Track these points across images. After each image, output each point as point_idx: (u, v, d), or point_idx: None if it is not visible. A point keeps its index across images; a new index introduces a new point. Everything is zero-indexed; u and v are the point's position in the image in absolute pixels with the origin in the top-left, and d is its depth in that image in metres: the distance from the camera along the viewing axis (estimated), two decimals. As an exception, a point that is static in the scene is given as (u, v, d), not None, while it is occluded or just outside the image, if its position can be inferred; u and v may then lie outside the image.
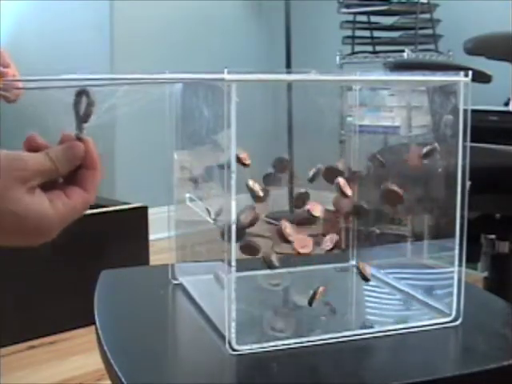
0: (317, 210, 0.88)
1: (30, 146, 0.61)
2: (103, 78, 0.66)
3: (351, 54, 3.17)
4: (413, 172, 0.93)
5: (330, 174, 0.91)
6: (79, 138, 0.62)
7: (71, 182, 0.61)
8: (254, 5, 3.75)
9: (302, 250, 0.85)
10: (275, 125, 3.36)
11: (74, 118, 0.62)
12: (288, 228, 0.84)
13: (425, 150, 0.89)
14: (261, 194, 0.84)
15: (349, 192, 0.88)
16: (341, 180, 0.88)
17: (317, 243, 0.88)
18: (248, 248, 0.85)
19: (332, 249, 0.89)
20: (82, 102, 0.62)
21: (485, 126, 1.49)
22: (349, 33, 3.15)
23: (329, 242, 0.89)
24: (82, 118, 0.62)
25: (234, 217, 0.75)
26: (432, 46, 3.03)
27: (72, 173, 0.61)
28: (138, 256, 2.21)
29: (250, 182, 0.84)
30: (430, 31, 3.01)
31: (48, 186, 0.60)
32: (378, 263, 1.04)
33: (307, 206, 0.88)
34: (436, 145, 0.88)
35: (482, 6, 2.97)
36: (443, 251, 0.88)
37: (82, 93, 0.62)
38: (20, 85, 0.68)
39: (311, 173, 0.93)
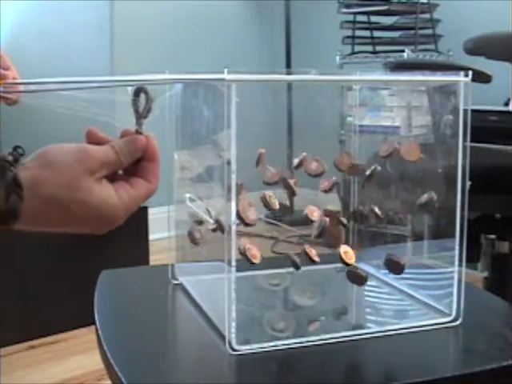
0: (314, 214, 0.88)
1: (91, 140, 0.65)
2: (103, 80, 0.67)
3: (351, 54, 3.16)
4: (412, 170, 0.93)
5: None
6: (139, 133, 0.66)
7: (133, 174, 0.65)
8: (254, 5, 3.74)
9: (315, 258, 0.86)
10: (275, 125, 3.36)
11: (134, 115, 0.66)
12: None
13: (423, 199, 0.89)
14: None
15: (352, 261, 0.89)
16: (343, 247, 0.89)
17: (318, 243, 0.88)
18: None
19: (329, 189, 0.88)
20: (141, 99, 0.66)
21: (485, 126, 1.49)
22: (349, 33, 3.15)
23: (326, 182, 0.89)
24: (142, 114, 0.66)
25: (234, 217, 0.75)
26: (432, 46, 3.03)
27: (133, 165, 0.65)
28: (137, 256, 2.21)
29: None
30: (430, 31, 3.01)
31: (109, 177, 0.63)
32: (378, 263, 1.04)
33: (305, 211, 0.88)
34: (433, 194, 0.88)
35: (482, 6, 2.97)
36: (443, 251, 0.88)
37: (140, 90, 0.66)
38: (21, 88, 0.69)
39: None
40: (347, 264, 0.87)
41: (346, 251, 0.87)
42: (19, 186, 0.57)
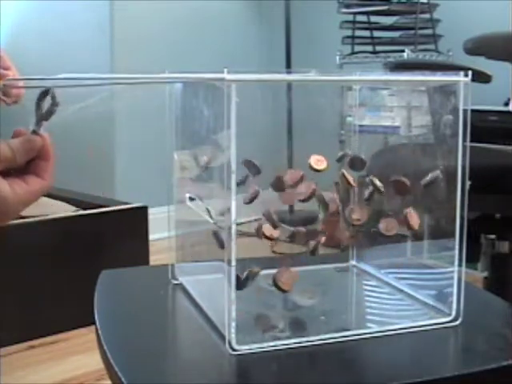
0: (321, 163, 0.86)
1: None
2: (103, 77, 0.67)
3: (351, 54, 3.17)
4: (412, 170, 0.93)
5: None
6: (36, 133, 0.67)
7: (27, 172, 0.67)
8: (254, 5, 3.74)
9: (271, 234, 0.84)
10: (275, 125, 3.36)
11: (35, 115, 0.66)
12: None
13: (427, 178, 0.89)
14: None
15: None
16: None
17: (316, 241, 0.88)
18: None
19: (307, 199, 0.84)
20: (46, 101, 0.66)
21: (485, 126, 1.49)
22: (349, 33, 3.15)
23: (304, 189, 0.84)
24: (44, 116, 0.66)
25: (233, 217, 0.75)
26: (432, 46, 3.03)
27: (27, 163, 0.67)
28: (137, 256, 2.21)
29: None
30: (429, 31, 3.01)
31: (2, 174, 0.65)
32: (378, 263, 1.04)
33: (309, 160, 0.87)
34: (438, 172, 0.88)
35: (482, 6, 2.97)
36: (443, 251, 0.88)
37: (46, 92, 0.66)
38: (21, 85, 0.69)
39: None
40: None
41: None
42: None
